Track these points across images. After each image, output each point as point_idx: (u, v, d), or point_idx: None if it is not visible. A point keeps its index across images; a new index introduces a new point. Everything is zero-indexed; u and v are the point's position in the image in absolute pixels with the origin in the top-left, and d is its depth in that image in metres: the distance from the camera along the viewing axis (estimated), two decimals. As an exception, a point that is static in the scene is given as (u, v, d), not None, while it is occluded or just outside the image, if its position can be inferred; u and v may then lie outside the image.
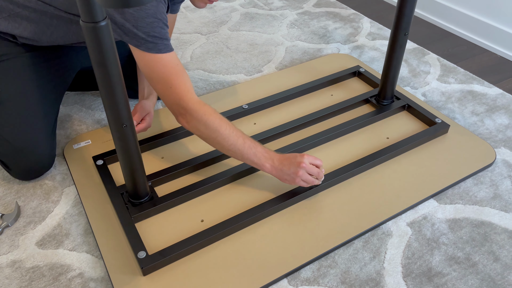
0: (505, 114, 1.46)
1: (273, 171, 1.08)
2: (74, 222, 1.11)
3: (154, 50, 1.00)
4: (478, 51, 1.84)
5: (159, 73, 1.02)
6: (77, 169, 1.24)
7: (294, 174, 1.06)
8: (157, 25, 0.99)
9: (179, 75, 1.03)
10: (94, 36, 0.79)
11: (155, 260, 0.98)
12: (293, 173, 1.06)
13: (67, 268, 1.01)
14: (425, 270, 1.00)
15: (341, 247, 1.05)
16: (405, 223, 1.11)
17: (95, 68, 0.85)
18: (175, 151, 1.30)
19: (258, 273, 0.99)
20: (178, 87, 1.03)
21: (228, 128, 1.05)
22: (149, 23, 0.98)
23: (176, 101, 1.04)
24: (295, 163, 1.06)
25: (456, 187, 1.20)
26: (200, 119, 1.04)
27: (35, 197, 1.18)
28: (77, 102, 1.51)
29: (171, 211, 1.12)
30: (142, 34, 0.98)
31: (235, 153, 1.07)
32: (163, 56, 1.01)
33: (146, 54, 1.00)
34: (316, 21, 2.03)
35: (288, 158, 1.08)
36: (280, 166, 1.07)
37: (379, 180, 1.20)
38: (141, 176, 1.05)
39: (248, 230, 1.08)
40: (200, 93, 1.56)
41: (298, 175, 1.06)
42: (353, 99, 1.46)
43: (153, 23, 0.98)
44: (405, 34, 1.28)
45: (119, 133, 0.95)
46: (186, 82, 1.04)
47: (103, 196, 1.16)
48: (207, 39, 1.90)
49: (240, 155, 1.07)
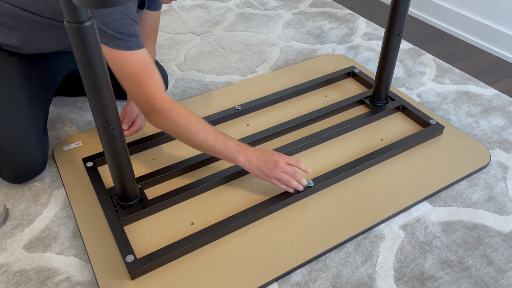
0: (500, 115, 1.45)
1: (246, 164, 1.06)
2: (62, 225, 1.10)
3: (124, 47, 0.98)
4: (474, 51, 1.82)
5: (128, 71, 1.00)
6: (67, 171, 1.22)
7: (268, 171, 1.05)
8: (125, 22, 0.97)
9: (149, 73, 1.01)
10: (78, 36, 0.78)
11: (143, 264, 0.96)
12: (268, 170, 1.05)
13: (54, 272, 1.00)
14: (418, 274, 0.99)
15: (333, 250, 1.04)
16: (398, 226, 1.10)
17: (80, 70, 0.83)
18: (166, 153, 1.28)
19: (248, 277, 0.97)
20: (148, 85, 1.01)
21: (198, 125, 1.04)
22: (117, 20, 0.96)
23: (145, 99, 1.02)
24: (271, 162, 1.05)
25: (450, 189, 1.19)
26: (169, 118, 1.02)
27: (23, 200, 1.16)
28: (69, 103, 1.49)
29: (161, 213, 1.11)
30: (111, 31, 0.96)
31: (207, 149, 1.06)
32: (133, 53, 0.99)
33: (115, 51, 0.99)
34: (312, 21, 2.02)
35: (264, 155, 1.06)
36: (255, 161, 1.05)
37: (372, 182, 1.19)
38: (130, 179, 1.04)
39: (238, 233, 1.06)
40: (193, 94, 1.55)
41: (272, 173, 1.05)
42: (347, 100, 1.45)
43: (121, 19, 0.97)
44: (399, 34, 1.27)
45: (107, 135, 0.93)
46: (156, 80, 1.02)
47: (92, 199, 1.14)
48: (201, 40, 1.89)
49: (212, 150, 1.06)
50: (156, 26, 1.31)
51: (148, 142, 1.29)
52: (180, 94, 1.55)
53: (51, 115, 1.44)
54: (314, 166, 1.24)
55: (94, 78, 0.84)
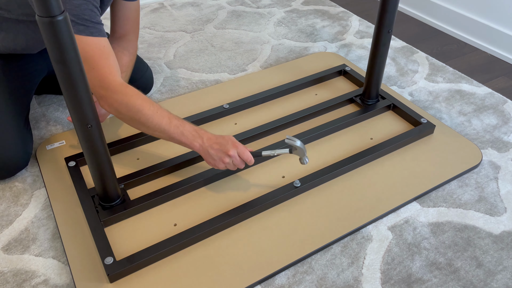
0: (493, 114, 1.42)
1: (201, 150, 1.04)
2: (42, 226, 1.07)
3: (85, 32, 0.97)
4: (468, 49, 1.80)
5: (83, 53, 0.98)
6: (49, 171, 1.19)
7: (219, 160, 1.04)
8: (86, 7, 0.96)
9: (104, 57, 1.00)
10: (51, 31, 0.75)
11: (123, 267, 0.94)
12: (219, 159, 1.04)
13: (31, 274, 0.97)
14: (405, 276, 0.96)
15: (318, 252, 1.01)
16: (386, 227, 1.07)
17: (54, 66, 0.80)
18: (151, 153, 1.26)
19: (231, 280, 0.95)
20: (101, 68, 0.99)
21: (151, 109, 1.01)
22: (77, 6, 0.95)
23: (98, 82, 1.00)
24: (224, 150, 1.03)
25: (440, 189, 1.16)
26: (121, 101, 1.00)
27: (3, 200, 1.14)
28: (54, 102, 1.47)
29: (143, 214, 1.08)
30: (71, 17, 0.95)
31: (161, 133, 1.04)
32: (94, 39, 0.99)
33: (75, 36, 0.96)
34: (304, 19, 1.99)
35: (218, 142, 1.04)
36: (210, 149, 1.03)
37: (360, 182, 1.16)
38: (111, 178, 1.01)
39: (222, 234, 1.04)
40: (182, 92, 1.52)
41: (223, 161, 1.04)
42: (338, 98, 1.42)
43: (81, 5, 0.95)
44: (388, 31, 1.24)
45: (84, 133, 0.91)
46: (111, 64, 1.01)
47: (73, 199, 1.12)
48: (191, 37, 1.86)
49: (167, 135, 1.03)
50: (137, 19, 1.28)
51: (134, 141, 1.26)
52: (168, 92, 1.52)
53: (36, 113, 1.41)
54: (302, 165, 1.21)
55: (69, 75, 0.81)
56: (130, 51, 1.25)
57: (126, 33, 1.25)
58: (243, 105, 1.41)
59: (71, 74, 0.81)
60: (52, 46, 0.77)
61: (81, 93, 0.85)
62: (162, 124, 1.02)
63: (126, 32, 1.25)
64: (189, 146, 1.05)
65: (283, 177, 1.18)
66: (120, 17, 1.24)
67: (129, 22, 1.26)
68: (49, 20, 0.74)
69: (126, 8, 1.24)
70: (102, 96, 1.01)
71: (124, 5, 1.23)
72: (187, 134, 1.03)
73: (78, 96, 0.84)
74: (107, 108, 1.03)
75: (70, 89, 0.83)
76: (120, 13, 1.24)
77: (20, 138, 1.16)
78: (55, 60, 0.79)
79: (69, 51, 0.78)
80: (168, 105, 1.43)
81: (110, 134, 1.31)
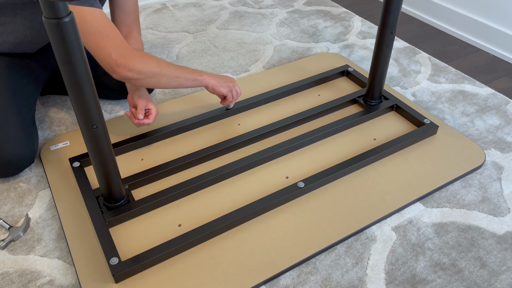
0: (496, 115, 1.42)
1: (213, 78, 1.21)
2: (47, 226, 1.08)
3: (86, 3, 1.00)
4: (470, 50, 1.80)
5: (93, 24, 1.01)
6: (53, 172, 1.20)
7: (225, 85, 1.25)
8: None
9: (112, 25, 1.05)
10: (58, 33, 0.76)
11: (128, 267, 0.94)
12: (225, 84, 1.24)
13: (37, 274, 0.97)
14: (409, 276, 0.97)
15: (323, 252, 1.01)
16: (390, 227, 1.07)
17: (60, 67, 0.81)
18: (156, 153, 1.26)
19: (236, 280, 0.95)
20: (115, 35, 1.04)
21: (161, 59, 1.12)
22: None
23: (115, 49, 1.03)
24: (229, 79, 1.27)
25: (443, 190, 1.17)
26: (141, 60, 1.06)
27: (8, 201, 1.14)
28: (57, 103, 1.47)
29: (148, 215, 1.08)
30: None
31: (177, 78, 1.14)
32: (95, 10, 1.02)
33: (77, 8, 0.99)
34: (306, 20, 2.00)
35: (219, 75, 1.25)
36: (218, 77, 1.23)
37: (364, 182, 1.17)
38: (116, 179, 1.01)
39: (226, 235, 1.04)
40: (184, 93, 1.53)
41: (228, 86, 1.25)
42: (341, 99, 1.42)
43: None
44: (392, 32, 1.24)
45: (90, 135, 0.91)
46: (118, 32, 1.06)
47: (78, 200, 1.12)
48: (194, 38, 1.86)
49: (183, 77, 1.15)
50: (136, 12, 1.30)
51: (138, 141, 1.27)
52: (170, 92, 1.53)
53: (39, 114, 1.42)
54: (306, 166, 1.21)
55: (75, 76, 0.82)
56: (139, 47, 1.26)
57: (130, 29, 1.27)
58: (246, 105, 1.42)
59: (77, 75, 0.81)
60: (58, 47, 0.78)
61: (87, 94, 0.85)
62: (177, 69, 1.14)
63: (129, 28, 1.27)
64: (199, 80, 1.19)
65: (286, 178, 1.18)
66: (120, 13, 1.27)
67: (130, 17, 1.27)
68: (56, 21, 0.74)
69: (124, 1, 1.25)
70: (120, 63, 1.04)
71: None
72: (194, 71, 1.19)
73: (84, 97, 0.85)
74: (127, 73, 1.06)
75: (76, 90, 0.84)
76: (119, 9, 1.27)
77: (26, 136, 1.16)
78: (62, 61, 0.80)
79: (76, 52, 0.79)
80: (171, 106, 1.43)
81: (114, 135, 1.31)
